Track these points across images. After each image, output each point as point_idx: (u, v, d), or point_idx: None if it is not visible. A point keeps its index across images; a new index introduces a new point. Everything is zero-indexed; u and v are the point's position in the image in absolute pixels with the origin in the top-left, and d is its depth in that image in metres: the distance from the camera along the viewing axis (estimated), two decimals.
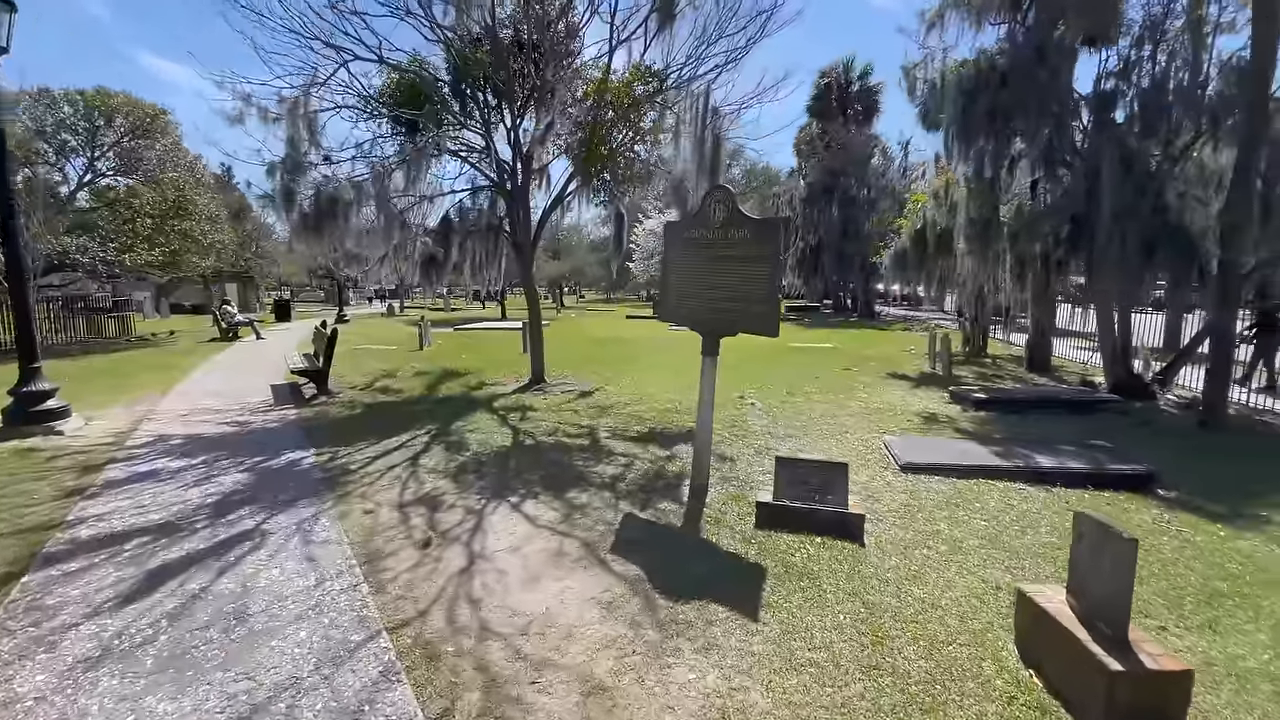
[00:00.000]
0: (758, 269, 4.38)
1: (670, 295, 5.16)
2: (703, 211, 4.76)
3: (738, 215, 4.51)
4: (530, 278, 9.49)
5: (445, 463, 5.79)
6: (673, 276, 5.12)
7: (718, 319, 4.69)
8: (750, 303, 4.43)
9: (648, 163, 8.19)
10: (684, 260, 4.97)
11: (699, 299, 4.84)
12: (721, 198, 4.61)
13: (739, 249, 4.49)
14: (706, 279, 4.75)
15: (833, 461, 4.36)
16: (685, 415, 7.75)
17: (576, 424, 7.29)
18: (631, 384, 9.97)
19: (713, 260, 4.68)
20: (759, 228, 4.41)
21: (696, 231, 4.81)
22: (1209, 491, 5.16)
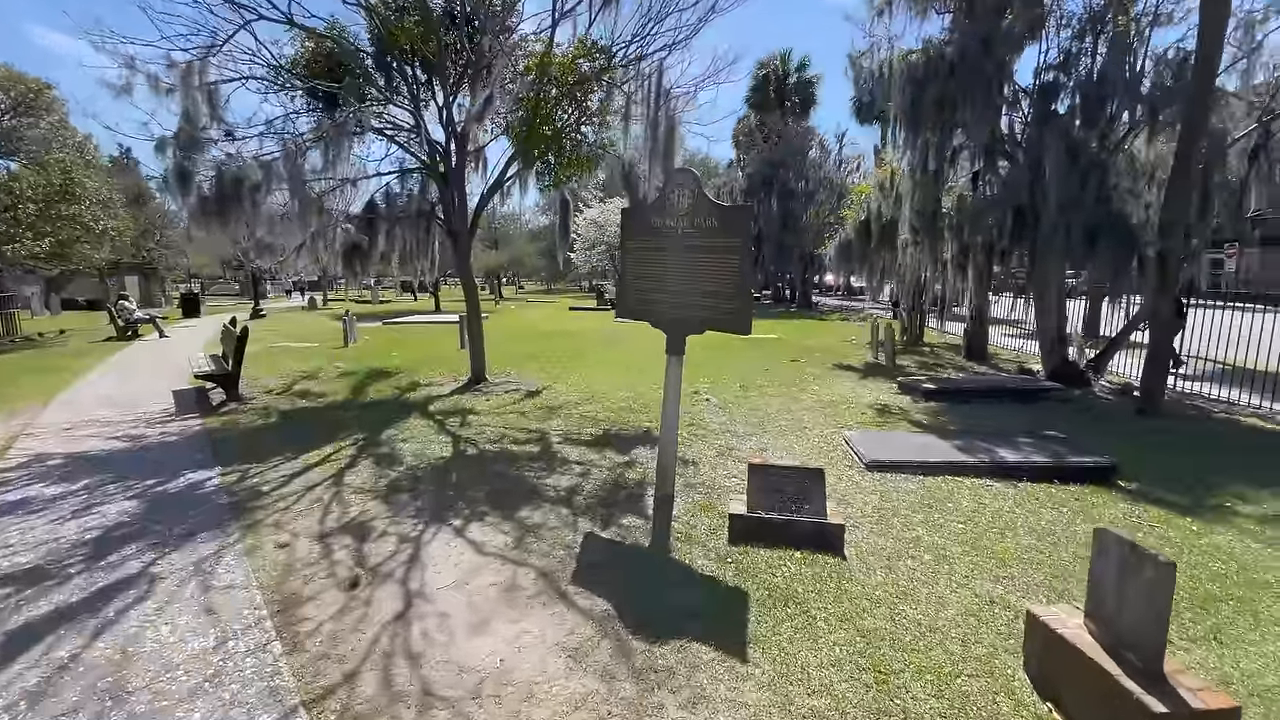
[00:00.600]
0: (727, 261, 3.98)
1: (629, 290, 4.70)
2: (664, 198, 4.32)
3: (704, 202, 4.10)
4: (467, 268, 8.80)
5: (375, 480, 5.13)
6: (632, 270, 4.66)
7: (684, 316, 4.28)
8: (720, 298, 4.04)
9: (595, 145, 7.67)
10: (644, 252, 4.53)
11: (662, 294, 4.41)
12: (685, 182, 4.18)
13: (706, 239, 4.08)
14: (670, 272, 4.33)
15: (808, 467, 4.04)
16: (642, 414, 7.33)
17: (524, 428, 6.74)
18: (581, 381, 9.47)
19: (677, 252, 4.26)
20: (727, 215, 4.01)
21: (658, 220, 4.37)
22: (1167, 482, 5.19)
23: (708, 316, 4.12)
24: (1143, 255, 7.29)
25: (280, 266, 11.97)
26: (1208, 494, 4.99)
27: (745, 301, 3.94)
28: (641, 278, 4.57)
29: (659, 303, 4.45)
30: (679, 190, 4.19)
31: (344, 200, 8.94)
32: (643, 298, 4.59)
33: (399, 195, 9.26)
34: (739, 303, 3.95)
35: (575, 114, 7.24)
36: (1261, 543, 4.10)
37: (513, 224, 47.16)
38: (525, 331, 17.47)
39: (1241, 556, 3.90)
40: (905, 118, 8.43)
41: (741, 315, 3.95)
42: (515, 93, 7.00)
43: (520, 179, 8.04)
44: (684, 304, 4.26)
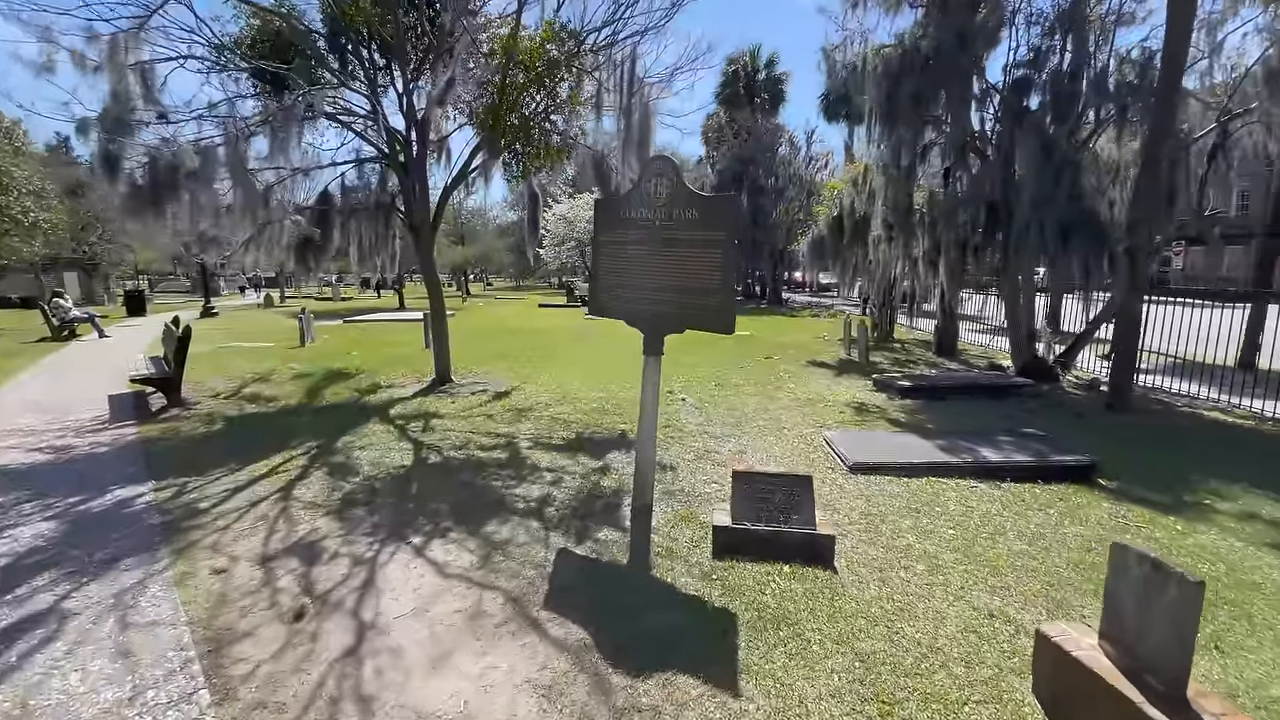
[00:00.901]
0: (709, 255, 3.72)
1: (603, 287, 4.41)
2: (641, 188, 4.03)
3: (684, 192, 3.82)
4: (430, 263, 8.37)
5: (328, 493, 4.73)
6: (605, 265, 4.37)
7: (662, 314, 4.01)
8: (701, 295, 3.77)
9: (565, 135, 7.31)
10: (619, 246, 4.24)
11: (639, 291, 4.13)
12: (664, 171, 3.90)
13: (686, 232, 3.81)
14: (648, 267, 4.05)
15: (795, 475, 3.82)
16: (616, 416, 7.04)
17: (492, 433, 6.39)
18: (551, 381, 9.13)
19: (655, 245, 3.98)
20: (710, 207, 3.74)
21: (634, 211, 4.08)
22: (1145, 479, 5.15)
23: (688, 314, 3.86)
24: (1113, 252, 7.31)
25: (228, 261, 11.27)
26: (1186, 491, 4.95)
27: (728, 298, 3.69)
28: (616, 273, 4.28)
29: (635, 300, 4.17)
30: (657, 180, 3.91)
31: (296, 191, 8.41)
32: (617, 294, 4.30)
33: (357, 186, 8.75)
34: (722, 300, 3.69)
35: (544, 101, 6.88)
36: (1244, 541, 4.05)
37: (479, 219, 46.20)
38: (493, 329, 17.00)
39: (1228, 557, 3.83)
40: (881, 111, 8.32)
41: (724, 313, 3.70)
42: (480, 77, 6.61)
43: (486, 170, 7.66)
44: (662, 301, 3.99)
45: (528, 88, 6.50)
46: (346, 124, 8.19)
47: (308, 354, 11.94)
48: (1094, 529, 4.17)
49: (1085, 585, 3.42)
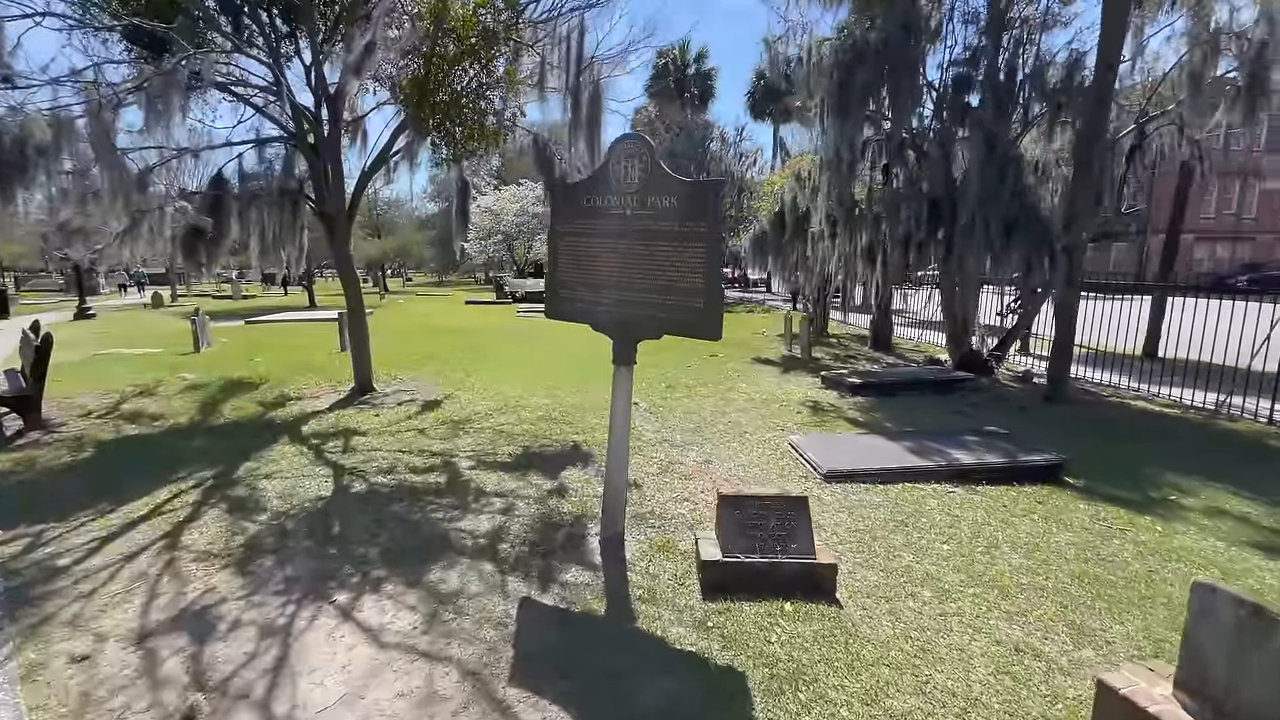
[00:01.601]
0: (691, 250, 3.23)
1: (561, 286, 3.82)
2: (608, 171, 3.48)
3: (661, 176, 3.31)
4: (346, 256, 7.42)
5: (226, 538, 3.90)
6: (566, 261, 3.79)
7: (635, 318, 3.48)
8: (682, 295, 3.28)
9: (502, 115, 6.59)
10: (582, 239, 3.67)
11: (607, 291, 3.58)
12: (636, 151, 3.37)
13: (664, 222, 3.30)
14: (618, 264, 3.51)
15: (789, 496, 3.40)
16: (566, 425, 6.45)
17: (425, 451, 5.64)
18: (489, 386, 8.39)
19: (626, 238, 3.45)
20: (692, 193, 3.25)
21: (600, 199, 3.53)
22: (1107, 476, 5.13)
23: (667, 318, 3.35)
24: (1053, 248, 7.43)
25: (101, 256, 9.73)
26: (1149, 486, 4.96)
27: (715, 299, 3.21)
28: (578, 271, 3.72)
29: (601, 302, 3.62)
30: (628, 163, 3.38)
31: (184, 175, 7.25)
32: (579, 295, 3.73)
33: (258, 171, 7.63)
34: (707, 302, 3.21)
35: (480, 77, 6.14)
36: (1224, 541, 4.02)
37: (397, 210, 43.72)
38: (417, 328, 15.84)
39: (1217, 560, 3.75)
40: (832, 103, 8.12)
41: (710, 317, 3.22)
42: (404, 45, 5.78)
43: (410, 153, 6.82)
44: (635, 303, 3.47)
45: (460, 60, 5.76)
46: (244, 98, 7.10)
47: (202, 361, 10.54)
48: (1082, 535, 4.03)
49: (1097, 604, 3.21)
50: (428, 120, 5.95)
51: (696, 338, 3.31)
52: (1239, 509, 4.55)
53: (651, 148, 3.35)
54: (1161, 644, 2.87)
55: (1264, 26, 7.09)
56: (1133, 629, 3.00)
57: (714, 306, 3.22)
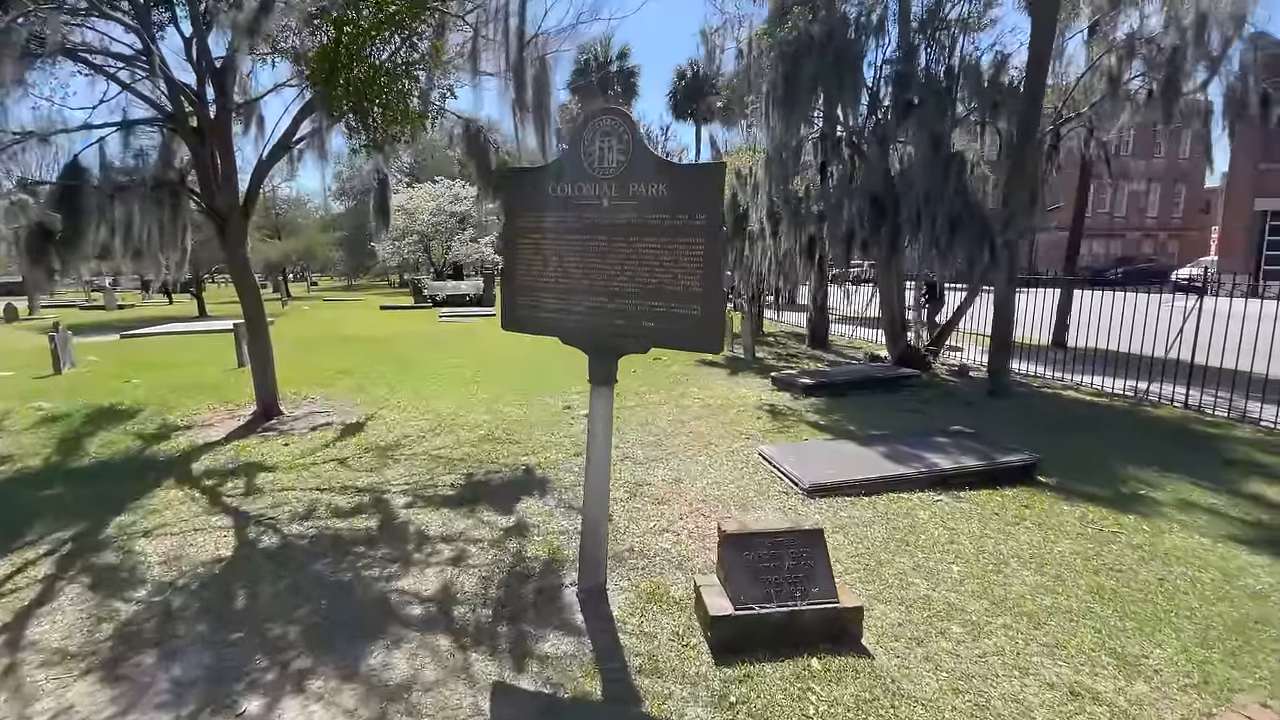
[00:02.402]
0: (687, 247, 2.72)
1: (523, 293, 3.20)
2: (579, 154, 2.90)
3: (646, 159, 2.77)
4: (242, 259, 6.36)
5: (89, 628, 3.00)
6: (525, 262, 3.17)
7: (617, 329, 2.92)
8: (676, 302, 2.76)
9: (428, 97, 5.76)
10: (546, 236, 3.07)
11: (580, 298, 3.00)
12: (614, 129, 2.81)
13: (651, 214, 2.77)
14: (593, 265, 2.94)
15: (801, 529, 2.96)
16: (512, 445, 5.78)
17: (350, 487, 4.82)
18: (417, 402, 7.52)
19: (603, 234, 2.88)
20: (686, 180, 2.73)
21: (568, 187, 2.95)
22: (1074, 472, 5.08)
23: (656, 328, 2.82)
24: (994, 245, 7.51)
25: None
26: (1116, 481, 4.94)
27: (715, 305, 2.72)
28: (542, 274, 3.11)
29: (573, 310, 3.04)
30: (604, 142, 2.81)
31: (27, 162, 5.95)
32: (544, 304, 3.13)
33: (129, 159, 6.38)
34: (706, 307, 2.71)
35: (405, 51, 5.31)
36: (1209, 537, 3.97)
37: (299, 210, 40.49)
38: (328, 337, 14.42)
39: (1209, 559, 3.66)
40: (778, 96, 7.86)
41: (710, 326, 2.72)
42: (307, 6, 4.87)
43: (319, 139, 5.88)
44: (616, 311, 2.91)
45: (381, 28, 4.92)
46: (105, 70, 5.89)
47: (64, 386, 8.93)
48: (1080, 542, 3.86)
49: (1126, 624, 2.98)
50: (340, 100, 5.09)
51: (693, 350, 2.81)
52: (1204, 500, 4.58)
53: (633, 124, 2.80)
54: (1205, 667, 2.65)
55: (1175, 33, 7.46)
56: (1171, 651, 2.77)
57: (714, 313, 2.73)
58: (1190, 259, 34.01)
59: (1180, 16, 7.41)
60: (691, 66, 28.37)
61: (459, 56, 5.71)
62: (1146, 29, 8.03)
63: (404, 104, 5.33)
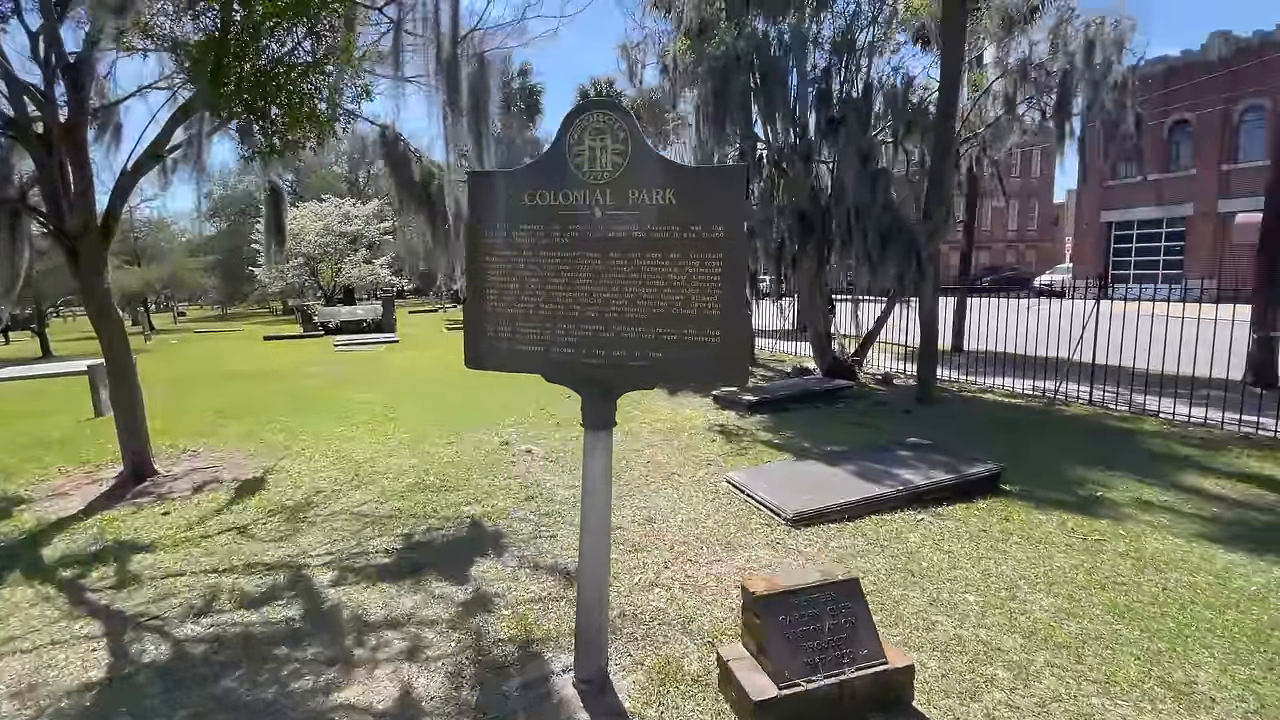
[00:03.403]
0: (701, 263, 2.30)
1: (493, 322, 2.64)
2: (563, 154, 2.42)
3: (648, 161, 2.34)
4: (102, 289, 5.23)
5: None
6: (498, 286, 2.61)
7: (617, 361, 2.45)
8: (689, 325, 2.33)
9: (338, 98, 4.93)
10: (523, 253, 2.54)
11: (569, 326, 2.50)
12: (607, 125, 2.36)
13: (656, 226, 2.33)
14: (585, 286, 2.45)
15: (834, 580, 2.60)
16: (451, 493, 5.07)
17: (257, 565, 3.94)
18: (325, 447, 6.56)
19: (596, 250, 2.41)
20: (699, 185, 2.33)
21: (550, 194, 2.45)
22: (1032, 478, 5.15)
23: (665, 359, 2.37)
24: (920, 257, 7.73)
25: None
26: (1073, 485, 5.05)
27: (737, 330, 2.32)
28: (519, 300, 2.58)
29: (559, 342, 2.53)
30: (596, 140, 2.35)
31: None
32: (521, 335, 2.59)
33: None
34: (727, 332, 2.30)
35: (312, 46, 4.50)
36: (1179, 536, 4.05)
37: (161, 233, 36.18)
38: (206, 376, 12.65)
39: (1193, 561, 3.70)
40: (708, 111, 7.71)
41: (731, 354, 2.32)
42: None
43: (196, 147, 4.91)
44: (613, 341, 2.44)
45: (279, 16, 4.12)
46: None
47: None
48: (1072, 555, 3.79)
49: (1159, 644, 2.86)
50: (229, 99, 4.23)
51: (713, 383, 2.39)
52: (1157, 498, 4.74)
53: (631, 120, 2.36)
54: (1255, 688, 2.55)
55: (1063, 59, 8.09)
56: (1214, 673, 2.66)
57: (736, 340, 2.33)
58: (1046, 267, 38.22)
59: (1067, 43, 8.06)
60: (595, 86, 28.28)
61: (377, 52, 4.99)
62: (1036, 54, 8.68)
63: (309, 105, 4.56)
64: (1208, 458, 5.82)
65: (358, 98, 4.86)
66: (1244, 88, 23.36)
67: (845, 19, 8.92)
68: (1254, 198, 23.22)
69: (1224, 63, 23.08)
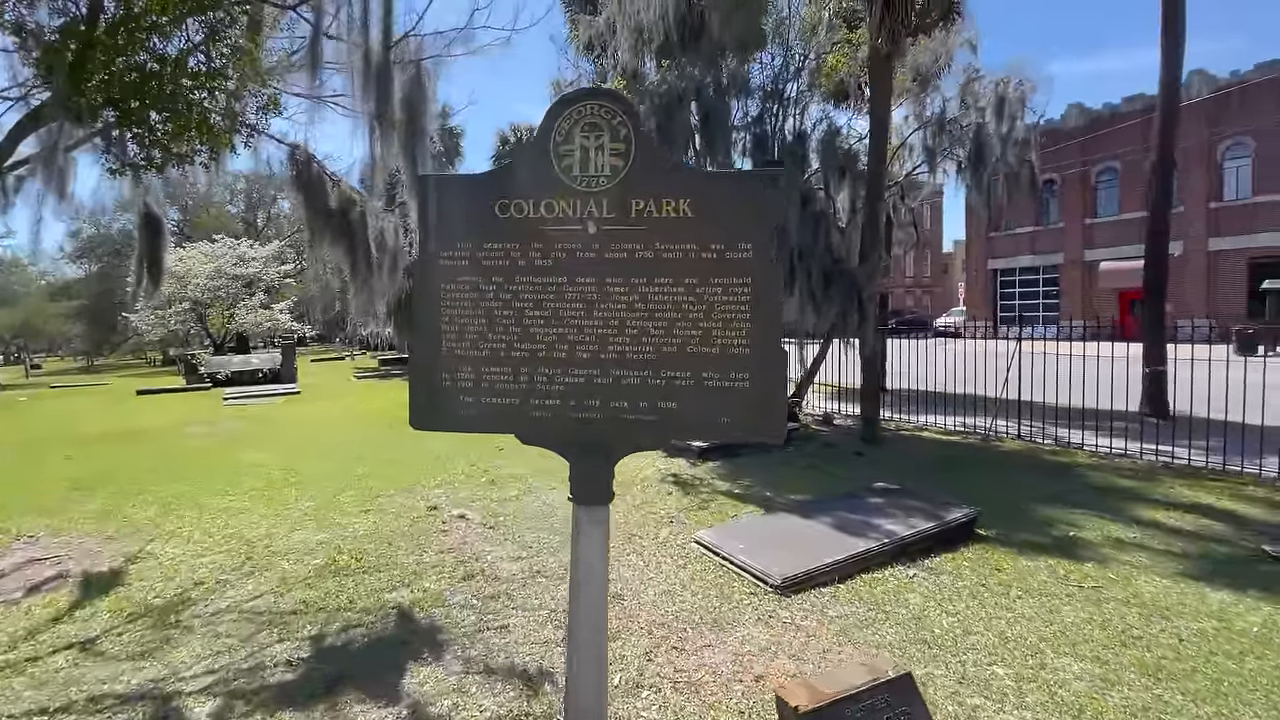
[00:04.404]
0: (724, 289, 1.85)
1: (450, 370, 2.03)
2: (548, 154, 1.92)
3: (657, 164, 1.88)
4: None
5: None
6: (456, 321, 2.02)
7: (614, 414, 1.91)
8: (709, 368, 1.85)
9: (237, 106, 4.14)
10: (492, 280, 1.98)
11: (555, 371, 1.94)
12: (606, 119, 1.88)
13: (670, 243, 1.86)
14: (574, 320, 1.92)
15: (886, 679, 2.13)
16: (372, 575, 4.21)
17: (104, 698, 2.96)
18: (206, 524, 5.45)
19: (590, 274, 1.90)
20: (722, 193, 1.88)
21: (529, 205, 1.93)
22: (1004, 520, 5.00)
23: (680, 409, 1.87)
24: (861, 298, 7.76)
25: None
26: (1045, 526, 4.92)
27: (772, 372, 1.85)
28: (482, 336, 2.00)
29: (538, 391, 1.96)
30: (586, 138, 1.87)
31: None
32: (490, 385, 2.00)
33: None
34: (760, 375, 1.83)
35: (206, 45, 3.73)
36: (1164, 577, 3.93)
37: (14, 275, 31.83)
38: (57, 439, 10.68)
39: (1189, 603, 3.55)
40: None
41: (766, 402, 1.85)
42: None
43: (47, 162, 3.96)
44: (610, 389, 1.91)
45: (163, 10, 3.35)
46: None
47: None
48: (1079, 608, 3.54)
49: (1206, 710, 2.58)
50: (92, 98, 3.39)
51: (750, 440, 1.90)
52: (1125, 535, 4.67)
53: (634, 114, 1.91)
54: None
55: (974, 114, 8.60)
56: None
57: (771, 384, 1.86)
58: (942, 310, 41.25)
59: (978, 99, 8.58)
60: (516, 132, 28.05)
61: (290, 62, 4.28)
62: (949, 111, 9.21)
63: (199, 113, 3.78)
64: (1146, 489, 5.94)
65: (263, 109, 4.11)
66: (1098, 153, 26.62)
67: (773, 70, 9.11)
68: (1113, 248, 26.34)
69: (1080, 131, 26.25)
